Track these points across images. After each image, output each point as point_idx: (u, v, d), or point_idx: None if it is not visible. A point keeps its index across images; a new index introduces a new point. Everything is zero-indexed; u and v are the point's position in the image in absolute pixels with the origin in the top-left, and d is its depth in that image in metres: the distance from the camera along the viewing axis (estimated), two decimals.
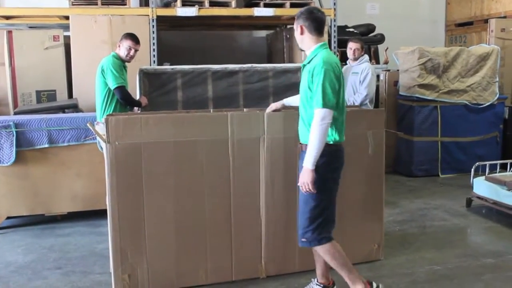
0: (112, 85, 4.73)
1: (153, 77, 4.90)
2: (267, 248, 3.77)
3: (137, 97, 4.89)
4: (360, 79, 5.73)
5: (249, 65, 5.12)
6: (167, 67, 5.16)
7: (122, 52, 4.87)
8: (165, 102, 4.90)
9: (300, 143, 3.33)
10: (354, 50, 5.82)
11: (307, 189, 3.10)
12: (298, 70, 5.25)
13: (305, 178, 3.09)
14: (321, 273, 3.51)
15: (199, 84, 5.01)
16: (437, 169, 7.04)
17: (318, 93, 3.04)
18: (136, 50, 4.93)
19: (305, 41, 3.26)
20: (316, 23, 3.21)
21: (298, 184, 3.19)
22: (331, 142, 3.17)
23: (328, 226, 3.27)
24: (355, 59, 5.85)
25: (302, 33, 3.24)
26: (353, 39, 6.05)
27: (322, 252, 3.27)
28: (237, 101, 5.10)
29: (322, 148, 3.05)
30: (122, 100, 4.78)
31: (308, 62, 3.21)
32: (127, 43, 4.86)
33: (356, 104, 5.55)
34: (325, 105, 3.02)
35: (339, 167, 3.30)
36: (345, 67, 5.93)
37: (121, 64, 4.88)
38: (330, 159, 3.18)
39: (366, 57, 5.93)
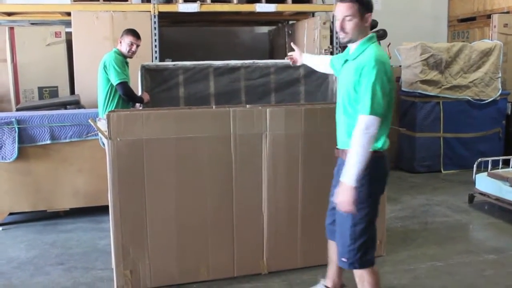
0: (115, 81, 4.74)
1: (154, 73, 4.90)
2: (269, 244, 3.77)
3: (139, 93, 4.88)
4: None
5: (251, 61, 5.12)
6: (168, 63, 5.15)
7: (124, 48, 4.89)
8: (167, 98, 4.90)
9: (337, 149, 3.05)
10: None
11: (347, 210, 2.68)
12: (299, 66, 5.24)
13: (345, 197, 2.65)
14: (331, 275, 3.32)
15: (201, 80, 5.01)
16: (439, 165, 7.03)
17: (366, 98, 2.61)
18: (137, 46, 4.94)
19: (358, 31, 2.76)
20: (372, 11, 2.77)
21: (333, 200, 2.84)
22: (377, 149, 2.75)
23: (374, 246, 2.89)
24: None
25: (366, 21, 2.75)
26: None
27: (359, 277, 2.92)
28: (239, 97, 5.10)
29: (366, 161, 2.61)
30: (125, 95, 4.78)
31: (354, 58, 2.78)
32: (128, 39, 4.87)
33: None
34: (373, 112, 2.60)
35: (384, 176, 2.89)
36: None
37: (123, 60, 4.89)
38: (375, 169, 2.75)
39: None
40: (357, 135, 2.62)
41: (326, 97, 5.31)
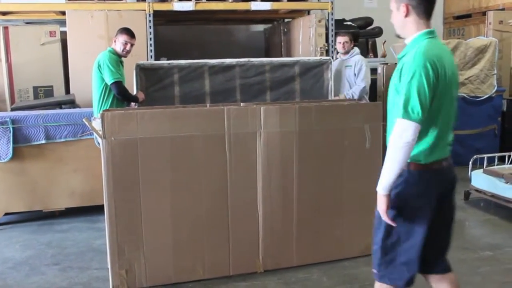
0: (109, 80, 4.73)
1: (149, 72, 4.89)
2: (265, 243, 3.77)
3: (134, 93, 4.87)
4: (354, 72, 5.75)
5: (246, 59, 5.11)
6: (163, 62, 5.15)
7: (118, 47, 4.88)
8: (162, 97, 4.90)
9: None
10: (343, 43, 5.82)
11: (383, 218, 2.50)
12: (295, 64, 5.25)
13: (379, 204, 2.49)
14: None
15: (196, 79, 5.01)
16: None
17: (401, 99, 2.31)
18: (132, 45, 4.93)
19: (408, 26, 2.49)
20: (428, 2, 2.48)
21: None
22: (418, 162, 2.43)
23: (401, 269, 2.58)
24: (346, 52, 5.86)
25: (407, 15, 2.47)
26: (341, 32, 6.07)
27: None
28: (234, 95, 5.10)
29: (400, 170, 2.35)
30: (119, 95, 4.78)
31: (401, 57, 2.48)
32: (122, 38, 4.86)
33: (356, 97, 5.55)
34: (406, 115, 2.29)
35: (428, 193, 2.47)
36: (336, 61, 5.99)
37: (118, 59, 4.88)
38: (412, 183, 2.45)
39: (357, 49, 5.95)
40: (390, 140, 2.36)
41: (322, 95, 5.31)
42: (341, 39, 5.85)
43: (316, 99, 5.06)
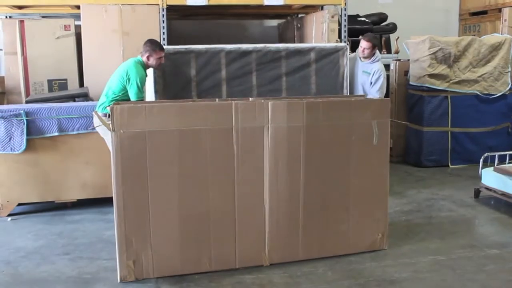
0: (133, 97, 4.69)
1: (167, 56, 4.92)
2: (271, 236, 3.81)
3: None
4: (371, 81, 5.54)
5: (262, 45, 5.17)
6: (180, 47, 5.17)
7: (153, 63, 4.82)
8: (179, 82, 4.95)
9: None
10: (364, 49, 5.56)
11: None
12: (310, 51, 5.26)
13: None
14: None
15: (213, 64, 5.06)
16: (447, 160, 7.01)
17: None
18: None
19: None
20: None
21: None
22: None
23: None
24: (365, 57, 5.62)
25: None
26: (365, 37, 5.67)
27: None
28: (250, 81, 5.15)
29: None
30: None
31: None
32: (159, 54, 4.80)
33: None
34: None
35: None
36: (353, 54, 5.83)
37: (145, 75, 4.84)
38: None
39: (379, 55, 5.68)
40: None
41: (337, 82, 5.31)
42: (363, 44, 5.57)
43: (331, 85, 5.08)
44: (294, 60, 5.23)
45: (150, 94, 5.15)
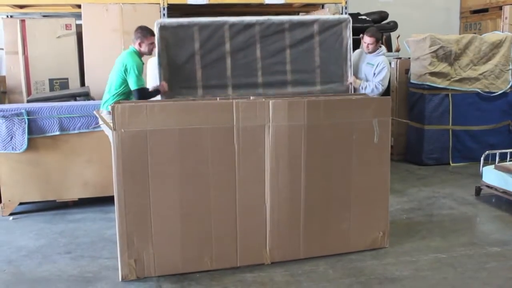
0: (133, 86, 4.73)
1: (170, 30, 4.92)
2: (272, 235, 3.81)
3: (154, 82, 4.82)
4: (374, 72, 5.52)
5: (266, 17, 5.16)
6: (184, 19, 5.15)
7: (146, 49, 4.87)
8: (182, 56, 4.96)
9: None
10: (368, 44, 5.57)
11: None
12: (314, 23, 5.25)
13: None
14: None
15: (217, 36, 5.05)
16: (448, 158, 7.01)
17: None
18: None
19: None
20: None
21: None
22: None
23: None
24: (370, 52, 5.61)
25: None
26: (368, 32, 5.68)
27: None
28: (254, 54, 5.14)
29: None
30: (140, 99, 4.78)
31: None
32: (150, 40, 4.85)
33: (364, 91, 5.43)
34: None
35: None
36: (357, 51, 5.81)
37: (141, 63, 4.88)
38: None
39: (384, 49, 5.71)
40: None
41: (341, 54, 5.31)
42: (366, 39, 5.59)
43: (335, 58, 5.20)
44: (298, 33, 5.22)
45: (152, 80, 5.16)
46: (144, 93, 4.80)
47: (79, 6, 6.57)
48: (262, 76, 5.18)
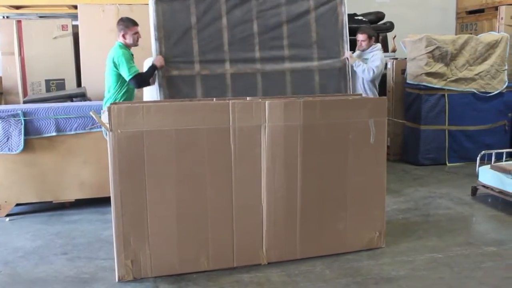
0: (127, 76, 4.74)
1: (166, 3, 4.92)
2: (268, 235, 3.82)
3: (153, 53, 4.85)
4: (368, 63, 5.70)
5: None
6: None
7: (130, 39, 4.88)
8: (178, 31, 4.96)
9: None
10: (361, 42, 5.78)
11: None
12: None
13: None
14: None
15: (213, 10, 5.06)
16: (444, 158, 7.03)
17: None
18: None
19: None
20: None
21: None
22: None
23: None
24: (364, 50, 5.82)
25: None
26: (359, 30, 5.94)
27: None
28: (251, 29, 5.14)
29: None
30: (140, 86, 4.84)
31: None
32: (133, 30, 4.88)
33: (355, 69, 5.55)
34: None
35: None
36: (356, 53, 5.91)
37: (130, 52, 4.91)
38: None
39: (379, 46, 5.83)
40: None
41: (337, 29, 5.34)
42: (359, 37, 5.79)
43: (331, 33, 5.25)
44: (294, 8, 5.26)
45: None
46: (141, 79, 4.80)
47: (75, 7, 6.59)
48: (260, 51, 5.18)
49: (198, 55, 5.03)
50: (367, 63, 5.68)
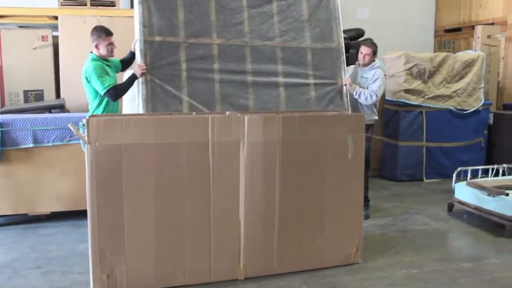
0: (101, 90, 4.48)
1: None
2: (246, 250, 3.81)
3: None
4: (369, 83, 5.46)
5: None
6: None
7: (104, 50, 4.62)
8: (165, 17, 4.72)
9: None
10: (365, 55, 5.51)
11: None
12: None
13: None
14: None
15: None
16: (421, 174, 7.11)
17: None
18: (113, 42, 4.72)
19: None
20: None
21: None
22: None
23: None
24: (365, 65, 5.56)
25: None
26: (366, 43, 5.69)
27: None
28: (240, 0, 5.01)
29: None
30: (116, 99, 4.56)
31: None
32: (106, 40, 4.62)
33: (357, 97, 5.39)
34: None
35: None
36: (353, 66, 5.75)
37: (102, 64, 4.61)
38: None
39: (378, 62, 5.66)
40: None
41: (330, 17, 5.31)
42: (364, 49, 5.53)
43: (323, 20, 5.23)
44: None
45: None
46: (115, 92, 4.50)
47: (56, 18, 6.54)
48: (249, 25, 5.00)
49: (184, 26, 4.78)
50: (366, 83, 5.49)
